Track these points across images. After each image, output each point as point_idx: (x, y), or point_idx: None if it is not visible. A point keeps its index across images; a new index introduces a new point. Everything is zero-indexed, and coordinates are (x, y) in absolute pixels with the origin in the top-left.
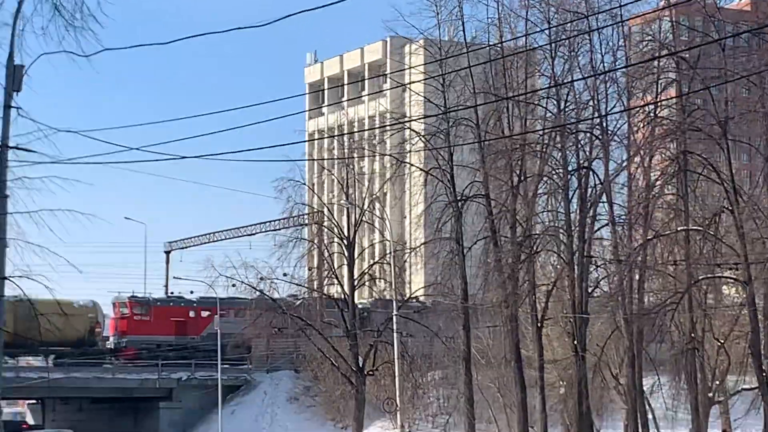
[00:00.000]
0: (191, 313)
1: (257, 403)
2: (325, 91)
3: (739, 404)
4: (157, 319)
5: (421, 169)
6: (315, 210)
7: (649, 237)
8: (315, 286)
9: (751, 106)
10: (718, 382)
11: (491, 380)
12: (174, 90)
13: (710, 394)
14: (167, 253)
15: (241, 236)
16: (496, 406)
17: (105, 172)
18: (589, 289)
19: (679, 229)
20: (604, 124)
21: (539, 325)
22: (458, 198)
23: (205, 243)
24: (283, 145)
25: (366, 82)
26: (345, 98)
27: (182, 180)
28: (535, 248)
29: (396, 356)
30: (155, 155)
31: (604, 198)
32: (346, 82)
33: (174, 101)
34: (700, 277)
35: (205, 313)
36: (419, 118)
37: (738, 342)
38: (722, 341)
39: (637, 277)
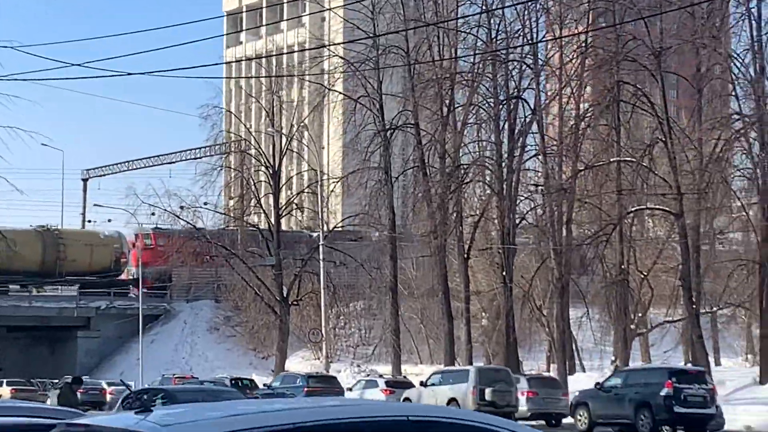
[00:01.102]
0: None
1: (177, 332)
2: (244, 18)
3: (657, 337)
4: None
5: (349, 97)
6: (240, 138)
7: (579, 168)
8: (239, 215)
9: (685, 37)
10: (640, 315)
11: (414, 311)
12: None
13: (632, 326)
14: (84, 180)
15: (162, 164)
16: (419, 337)
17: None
18: (517, 220)
19: (611, 160)
20: (536, 54)
21: (466, 256)
22: (387, 127)
23: (124, 171)
24: (206, 67)
25: (285, 8)
26: (264, 23)
27: (100, 96)
28: (463, 179)
29: (323, 286)
30: (77, 73)
31: (535, 129)
32: (264, 6)
33: (100, 23)
34: (632, 209)
35: None
36: (346, 43)
37: (660, 275)
38: (645, 274)
39: (566, 208)
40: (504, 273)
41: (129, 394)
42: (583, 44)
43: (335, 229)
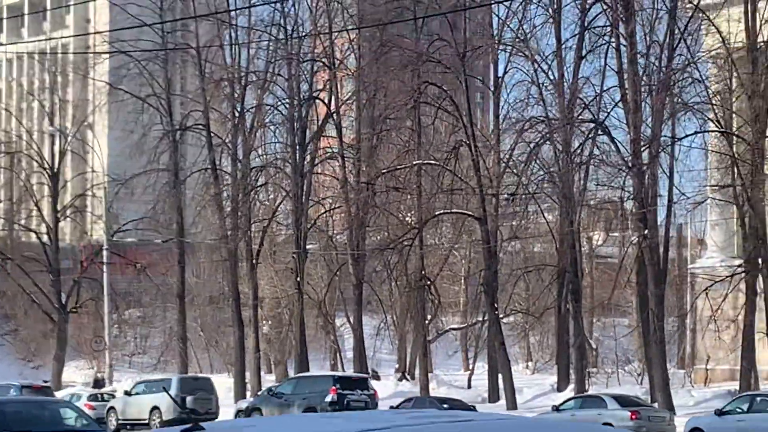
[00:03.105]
0: None
1: None
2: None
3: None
4: None
5: (136, 97)
6: (13, 137)
7: (384, 170)
8: (11, 218)
9: (486, 39)
10: (427, 321)
11: (193, 318)
12: None
13: (426, 334)
14: None
15: None
16: (198, 345)
17: None
18: (309, 226)
19: (414, 163)
20: (332, 54)
21: (254, 261)
22: (176, 128)
23: None
24: None
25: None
26: (48, 20)
27: None
28: (256, 182)
29: (106, 292)
30: None
31: (335, 133)
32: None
33: None
34: (437, 213)
35: None
36: (133, 40)
37: (447, 282)
38: (431, 280)
39: (363, 213)
40: (298, 279)
41: None
42: (384, 45)
43: (119, 232)
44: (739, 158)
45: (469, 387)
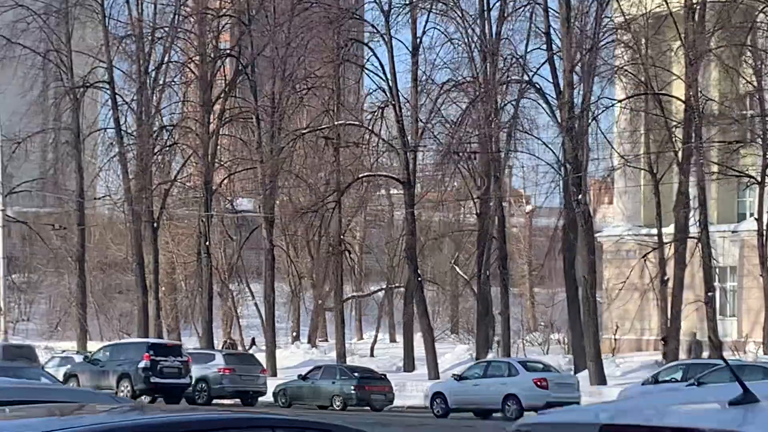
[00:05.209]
0: None
1: None
2: None
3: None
4: None
5: (35, 52)
6: None
7: (302, 131)
8: None
9: None
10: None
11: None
12: None
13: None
14: None
15: None
16: (89, 312)
17: None
18: (215, 187)
19: (336, 123)
20: (248, 10)
21: (155, 225)
22: (77, 85)
23: None
24: None
25: None
26: None
27: None
28: (166, 142)
29: (1, 256)
30: None
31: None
32: None
33: None
34: (361, 175)
35: None
36: None
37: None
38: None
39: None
40: (207, 243)
41: None
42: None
43: (13, 193)
44: (675, 122)
45: (372, 355)
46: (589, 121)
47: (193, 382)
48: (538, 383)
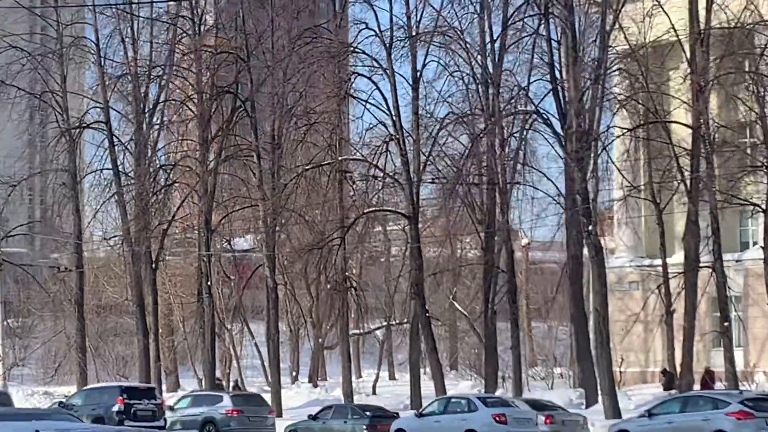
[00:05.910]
0: None
1: None
2: None
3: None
4: None
5: (30, 93)
6: None
7: (305, 167)
8: None
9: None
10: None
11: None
12: None
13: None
14: None
15: None
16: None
17: None
18: (214, 227)
19: (340, 158)
20: (247, 46)
21: (153, 266)
22: (73, 126)
23: None
24: None
25: None
26: None
27: None
28: (166, 182)
29: (0, 300)
30: None
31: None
32: None
33: None
34: (366, 211)
35: None
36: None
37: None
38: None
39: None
40: (209, 283)
41: None
42: (300, 37)
43: (8, 237)
44: (684, 149)
45: (374, 393)
46: (599, 151)
47: (201, 425)
48: (497, 419)
